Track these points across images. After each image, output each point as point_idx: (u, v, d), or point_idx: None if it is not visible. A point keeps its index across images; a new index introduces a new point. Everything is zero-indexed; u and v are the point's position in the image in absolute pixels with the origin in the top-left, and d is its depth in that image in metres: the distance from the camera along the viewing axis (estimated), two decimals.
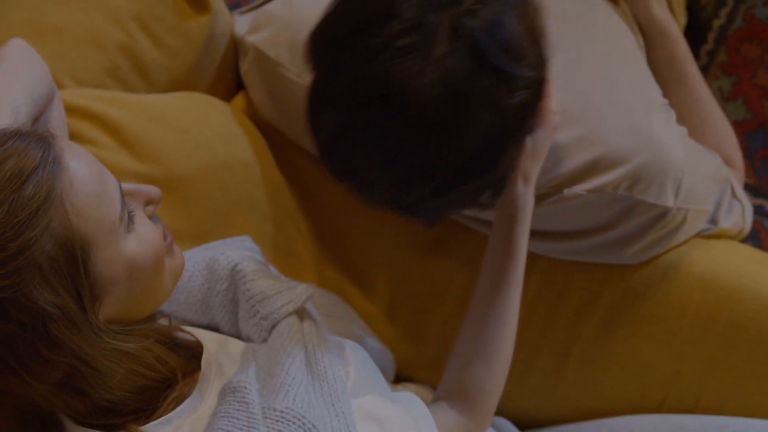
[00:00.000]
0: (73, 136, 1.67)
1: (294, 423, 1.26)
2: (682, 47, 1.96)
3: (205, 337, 1.45)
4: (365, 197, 1.45)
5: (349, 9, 1.35)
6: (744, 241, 1.96)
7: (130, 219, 1.32)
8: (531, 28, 1.36)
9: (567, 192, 1.63)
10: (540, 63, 1.37)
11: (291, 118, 1.82)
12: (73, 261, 1.21)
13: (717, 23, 2.38)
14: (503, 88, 1.30)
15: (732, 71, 2.36)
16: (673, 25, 1.96)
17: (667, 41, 1.93)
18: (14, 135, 1.23)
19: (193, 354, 1.42)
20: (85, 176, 1.25)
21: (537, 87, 1.36)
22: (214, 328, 1.56)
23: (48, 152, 1.22)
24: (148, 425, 1.30)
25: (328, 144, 1.40)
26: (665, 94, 1.75)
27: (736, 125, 2.28)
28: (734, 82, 2.35)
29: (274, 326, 1.48)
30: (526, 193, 1.53)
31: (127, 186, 1.36)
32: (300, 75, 1.74)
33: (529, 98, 1.34)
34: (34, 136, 1.24)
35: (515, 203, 1.53)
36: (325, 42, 1.37)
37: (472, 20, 1.28)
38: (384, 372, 1.73)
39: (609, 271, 1.80)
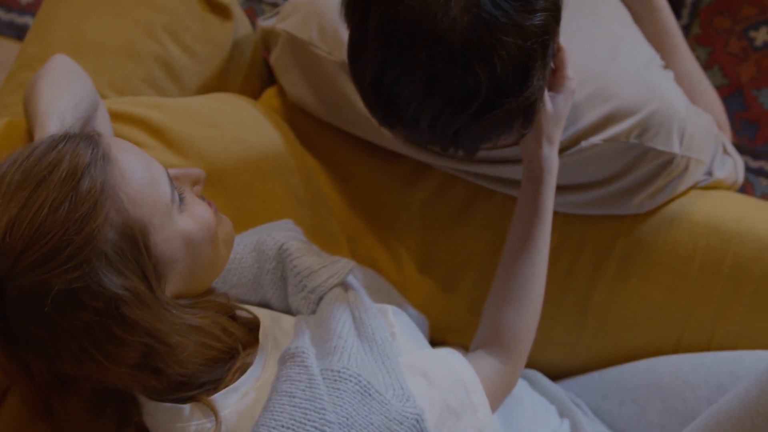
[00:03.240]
0: None
1: (351, 380, 1.26)
2: (672, 21, 1.99)
3: (260, 313, 1.46)
4: (412, 135, 1.44)
5: None
6: None
7: (181, 200, 1.32)
8: None
9: (584, 143, 1.64)
10: None
11: (323, 95, 1.82)
12: (135, 245, 1.22)
13: None
14: (525, 11, 1.31)
15: (706, 42, 2.36)
16: (664, 0, 1.96)
17: (660, 15, 1.96)
18: (63, 138, 1.24)
19: (251, 327, 1.42)
20: (134, 166, 1.26)
21: (554, 9, 1.36)
22: (265, 305, 1.57)
23: (97, 149, 1.23)
24: (216, 395, 1.30)
25: (372, 86, 1.39)
26: None
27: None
28: (709, 52, 2.36)
29: (321, 298, 1.48)
30: (551, 156, 1.55)
31: (173, 170, 1.37)
32: (330, 52, 1.75)
33: (548, 20, 1.34)
34: (81, 136, 1.25)
35: (541, 165, 1.55)
36: None
37: None
38: None
39: (619, 225, 1.80)
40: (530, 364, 1.84)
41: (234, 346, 1.33)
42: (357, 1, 1.37)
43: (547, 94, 1.52)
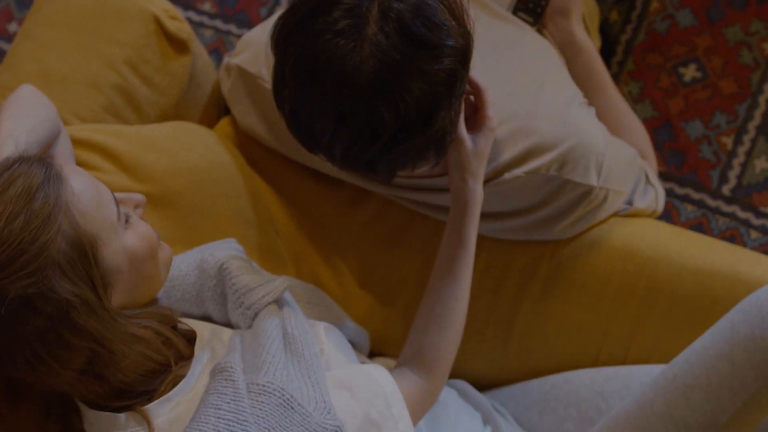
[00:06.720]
0: (80, 164, 1.68)
1: (275, 394, 1.28)
2: (598, 61, 1.99)
3: (200, 326, 1.47)
4: (331, 160, 1.46)
5: (301, 1, 1.38)
6: (658, 219, 1.98)
7: (126, 219, 1.35)
8: (452, 7, 1.37)
9: (507, 175, 1.65)
10: (463, 35, 1.39)
11: (271, 124, 1.83)
12: (85, 255, 1.24)
13: (624, 38, 2.40)
14: (429, 57, 1.33)
15: (639, 77, 2.38)
16: (590, 42, 1.99)
17: (586, 56, 1.96)
18: (18, 160, 1.27)
19: (189, 339, 1.44)
20: (84, 186, 1.29)
21: (461, 55, 1.38)
22: (207, 319, 1.57)
23: (49, 169, 1.26)
24: (151, 404, 1.32)
25: (291, 117, 1.43)
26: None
27: (646, 122, 2.31)
28: (642, 86, 2.37)
29: (257, 314, 1.49)
30: (475, 190, 1.57)
31: (118, 194, 1.39)
32: None
33: (455, 65, 1.36)
34: (34, 159, 1.28)
35: (466, 198, 1.57)
36: (281, 31, 1.40)
37: (399, 3, 1.32)
38: (360, 348, 1.77)
39: (543, 248, 1.81)
40: (459, 375, 1.85)
41: (171, 357, 1.35)
42: (278, 41, 1.41)
43: (466, 134, 1.54)
